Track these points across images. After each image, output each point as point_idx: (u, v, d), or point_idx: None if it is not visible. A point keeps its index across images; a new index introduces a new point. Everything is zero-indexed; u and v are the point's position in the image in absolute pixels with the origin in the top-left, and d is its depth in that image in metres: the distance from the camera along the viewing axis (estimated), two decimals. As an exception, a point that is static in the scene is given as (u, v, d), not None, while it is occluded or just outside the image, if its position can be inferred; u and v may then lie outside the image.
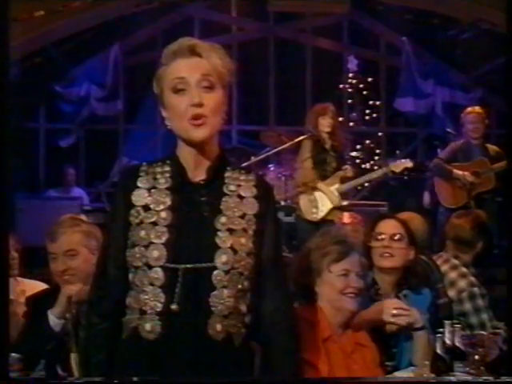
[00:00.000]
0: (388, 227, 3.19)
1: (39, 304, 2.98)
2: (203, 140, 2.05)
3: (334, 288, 2.64)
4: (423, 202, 7.57)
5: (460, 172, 6.74)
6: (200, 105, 2.02)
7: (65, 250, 2.96)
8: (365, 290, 2.72)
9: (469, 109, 7.03)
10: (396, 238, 3.15)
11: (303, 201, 6.18)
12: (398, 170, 6.52)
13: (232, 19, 10.20)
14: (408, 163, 6.53)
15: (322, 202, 6.13)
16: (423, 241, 4.03)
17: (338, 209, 6.20)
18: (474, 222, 4.29)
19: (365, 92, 9.88)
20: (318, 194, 6.13)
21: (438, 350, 2.59)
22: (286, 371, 2.12)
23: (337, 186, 6.20)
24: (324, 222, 6.08)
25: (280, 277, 2.15)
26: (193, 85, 2.03)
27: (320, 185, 6.16)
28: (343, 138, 6.52)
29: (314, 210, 6.10)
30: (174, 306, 1.99)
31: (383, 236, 3.16)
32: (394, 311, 2.85)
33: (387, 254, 3.13)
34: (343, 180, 6.25)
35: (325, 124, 6.17)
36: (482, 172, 6.69)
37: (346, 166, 6.34)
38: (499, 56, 8.01)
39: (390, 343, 2.97)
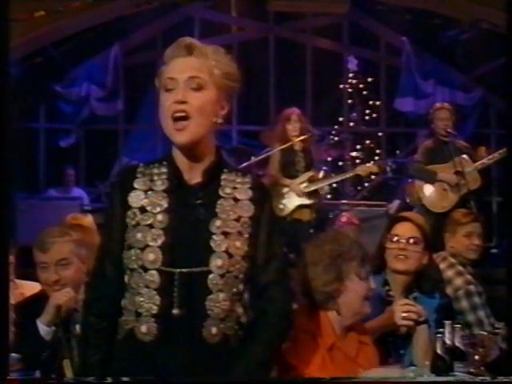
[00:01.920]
0: (405, 230, 3.17)
1: (27, 311, 2.91)
2: (186, 145, 2.04)
3: (359, 293, 2.62)
4: (389, 209, 7.38)
5: (445, 174, 6.29)
6: (183, 102, 2.01)
7: (57, 260, 2.94)
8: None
9: (437, 105, 6.76)
10: (412, 241, 3.13)
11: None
12: (363, 174, 6.95)
13: (232, 19, 10.19)
14: (373, 168, 6.92)
15: (289, 199, 6.41)
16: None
17: (307, 207, 6.45)
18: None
19: (365, 92, 9.88)
20: (285, 191, 6.41)
21: (438, 350, 2.59)
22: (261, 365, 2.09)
23: (305, 185, 6.48)
24: (295, 221, 6.41)
25: (281, 278, 2.14)
26: (180, 83, 2.03)
27: (288, 183, 6.45)
28: (313, 138, 6.86)
29: (281, 207, 6.33)
30: (175, 311, 2.00)
31: (400, 238, 3.14)
32: (404, 314, 2.86)
33: (402, 257, 3.11)
34: (312, 180, 6.55)
35: (291, 129, 6.60)
36: (465, 171, 6.24)
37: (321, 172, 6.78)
38: (499, 56, 8.00)
39: (397, 344, 2.97)
